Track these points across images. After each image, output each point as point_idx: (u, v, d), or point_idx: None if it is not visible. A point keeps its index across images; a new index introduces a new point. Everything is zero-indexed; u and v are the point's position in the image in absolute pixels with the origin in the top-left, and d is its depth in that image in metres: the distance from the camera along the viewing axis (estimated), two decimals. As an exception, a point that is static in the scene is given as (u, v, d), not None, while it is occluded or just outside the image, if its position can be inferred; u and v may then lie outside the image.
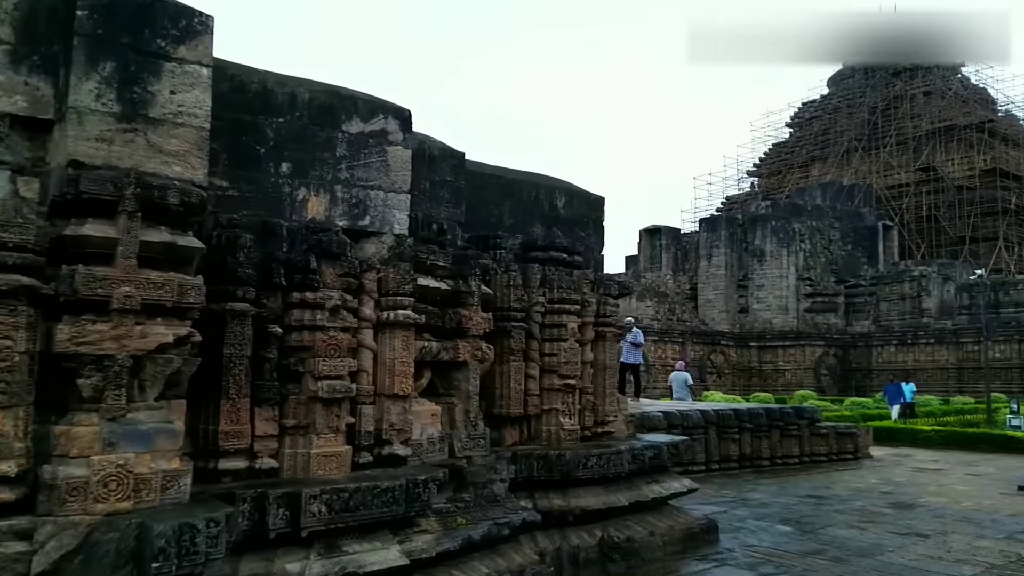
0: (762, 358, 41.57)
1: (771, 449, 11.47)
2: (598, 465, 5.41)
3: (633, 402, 12.24)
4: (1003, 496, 9.05)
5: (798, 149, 57.49)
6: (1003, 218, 46.64)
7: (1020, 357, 33.63)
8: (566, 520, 5.22)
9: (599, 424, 5.94)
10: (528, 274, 5.62)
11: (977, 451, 14.28)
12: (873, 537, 6.55)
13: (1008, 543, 6.38)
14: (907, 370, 37.56)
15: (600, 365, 5.97)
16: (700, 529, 6.08)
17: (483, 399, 5.44)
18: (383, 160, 4.43)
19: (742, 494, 8.94)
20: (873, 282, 43.43)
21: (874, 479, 10.51)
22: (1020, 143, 51.60)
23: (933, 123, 50.08)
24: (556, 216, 6.30)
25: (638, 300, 46.93)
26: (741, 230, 47.52)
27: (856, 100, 54.93)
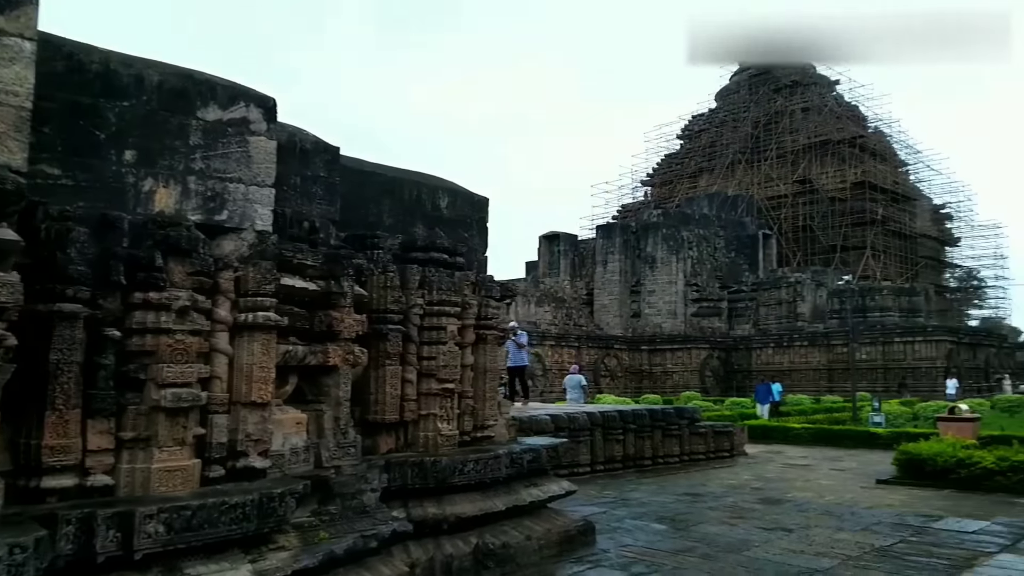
0: (652, 361, 43.10)
1: (653, 449, 11.82)
2: (475, 471, 5.31)
3: (521, 405, 12.28)
4: (863, 490, 9.71)
5: (687, 160, 60.17)
6: (871, 228, 50.55)
7: (884, 358, 36.48)
8: (441, 528, 5.09)
9: (479, 429, 5.85)
10: (407, 275, 5.46)
11: (843, 447, 15.33)
12: (742, 533, 6.82)
13: (864, 535, 6.81)
14: (783, 371, 39.97)
15: (481, 369, 5.89)
16: (577, 531, 6.11)
17: (357, 405, 5.23)
18: (244, 151, 4.14)
19: (623, 494, 9.13)
20: (754, 288, 46.00)
21: (747, 475, 11.03)
22: (887, 158, 56.22)
23: (810, 138, 53.67)
24: (439, 216, 6.17)
25: (537, 305, 47.55)
26: (635, 237, 49.18)
27: (741, 114, 58.06)
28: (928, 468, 9.81)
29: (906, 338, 35.67)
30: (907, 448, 10.22)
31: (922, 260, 54.10)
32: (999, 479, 9.24)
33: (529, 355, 13.91)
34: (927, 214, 57.97)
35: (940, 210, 59.39)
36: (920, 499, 8.84)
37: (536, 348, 37.95)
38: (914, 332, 35.76)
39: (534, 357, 37.72)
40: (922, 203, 57.50)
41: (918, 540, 6.56)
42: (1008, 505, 8.41)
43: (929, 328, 36.25)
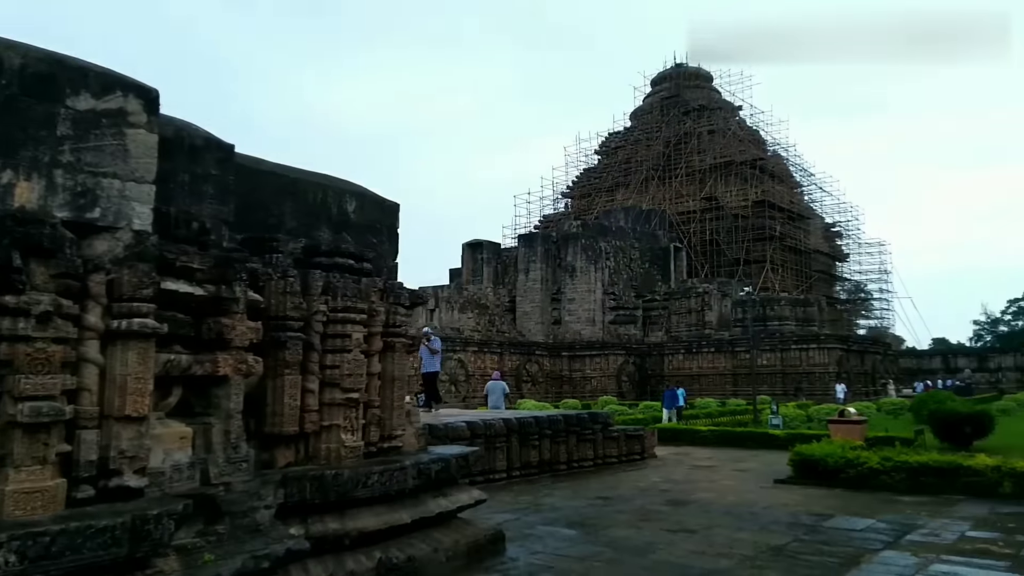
0: (572, 367, 43.69)
1: (568, 453, 11.89)
2: (380, 483, 5.14)
3: (431, 412, 12.09)
4: (762, 490, 10.07)
5: (605, 175, 61.68)
6: (770, 243, 53.24)
7: (783, 364, 38.33)
8: (343, 544, 4.88)
9: (387, 439, 5.67)
10: (309, 280, 5.23)
11: (745, 448, 15.93)
12: (648, 536, 6.91)
13: (761, 534, 7.03)
14: (693, 376, 41.42)
15: (388, 377, 5.72)
16: (487, 540, 6.02)
17: (253, 417, 4.96)
18: (120, 144, 3.84)
19: (538, 499, 9.11)
20: (666, 297, 47.49)
21: (656, 478, 11.25)
22: (784, 179, 59.46)
23: (715, 158, 56.17)
24: (346, 221, 5.97)
25: (460, 312, 47.36)
26: (555, 247, 49.87)
27: (654, 134, 60.13)
28: (820, 468, 10.29)
29: (802, 346, 37.63)
30: (801, 449, 10.70)
31: (815, 274, 57.42)
32: (884, 478, 9.80)
33: (442, 361, 13.65)
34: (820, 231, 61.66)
35: (831, 228, 63.34)
36: (813, 498, 9.25)
37: (459, 354, 37.76)
38: (808, 340, 37.78)
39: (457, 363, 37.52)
40: (815, 221, 61.11)
41: (810, 539, 6.83)
42: (891, 503, 8.91)
43: (822, 336, 38.41)
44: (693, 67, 63.30)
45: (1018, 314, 76.32)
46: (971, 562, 5.96)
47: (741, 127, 60.36)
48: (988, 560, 6.02)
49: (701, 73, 62.75)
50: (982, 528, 7.33)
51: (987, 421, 14.10)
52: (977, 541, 6.73)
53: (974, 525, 7.48)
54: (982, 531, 7.18)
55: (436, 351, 12.99)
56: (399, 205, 6.41)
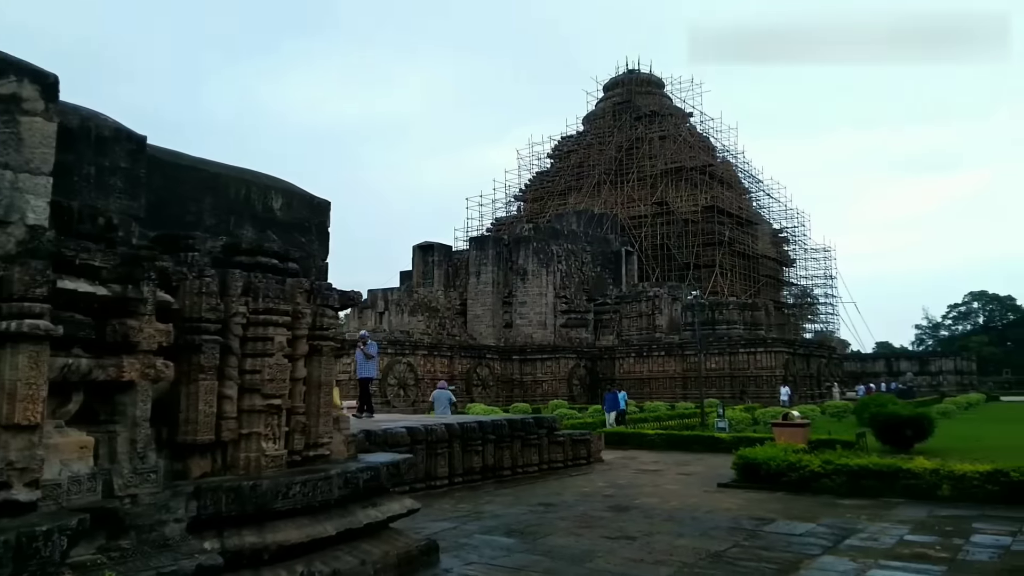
0: (523, 370, 43.58)
1: (513, 459, 11.74)
2: (302, 493, 4.88)
3: (363, 417, 11.77)
4: (705, 494, 10.09)
5: (558, 179, 61.95)
6: (719, 248, 54.19)
7: (731, 367, 38.98)
8: (261, 559, 4.61)
9: (312, 447, 5.41)
10: (228, 280, 4.95)
11: (692, 451, 16.04)
12: (587, 543, 6.80)
13: (702, 540, 6.99)
14: (643, 379, 41.81)
15: (315, 383, 5.46)
16: (419, 551, 5.81)
17: (166, 425, 4.66)
18: (13, 132, 3.53)
19: (478, 506, 8.93)
20: (617, 301, 47.86)
21: (601, 482, 11.19)
22: (733, 185, 60.68)
23: (666, 163, 56.95)
24: (271, 218, 5.69)
25: (410, 315, 46.83)
26: (507, 250, 49.77)
27: (606, 138, 60.65)
28: (763, 472, 10.37)
29: (749, 349, 38.36)
30: (744, 453, 10.77)
31: (763, 278, 58.72)
32: (825, 481, 9.92)
33: (377, 366, 13.22)
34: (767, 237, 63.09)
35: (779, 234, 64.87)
36: (755, 502, 9.30)
37: (408, 358, 37.28)
38: (756, 344, 38.54)
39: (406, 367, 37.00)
40: (763, 227, 62.52)
41: (750, 544, 6.82)
42: (832, 506, 9.00)
43: (769, 340, 39.22)
44: (645, 73, 64.14)
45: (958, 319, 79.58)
46: (908, 567, 6.01)
47: (692, 133, 61.45)
48: (925, 565, 6.08)
49: (653, 79, 63.64)
50: (920, 532, 7.44)
51: (927, 424, 14.50)
52: (915, 545, 6.81)
53: (913, 529, 7.58)
54: (920, 535, 7.28)
55: (372, 356, 12.64)
56: (330, 203, 6.17)
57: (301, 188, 6.04)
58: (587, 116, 65.73)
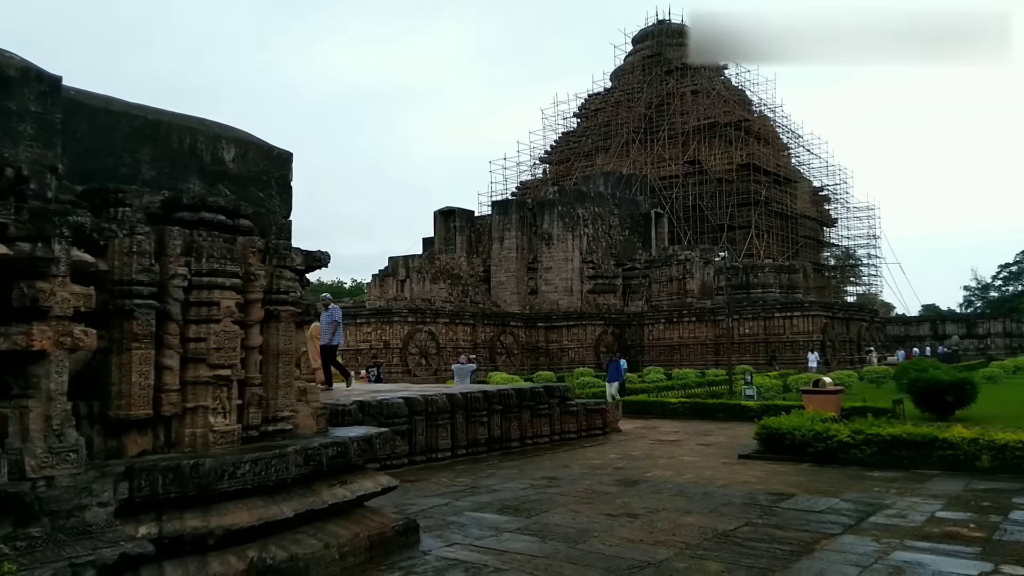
0: (549, 338, 43.11)
1: (521, 430, 11.28)
2: (253, 472, 4.43)
3: (324, 390, 11.28)
4: (724, 465, 9.49)
5: (584, 139, 60.41)
6: (755, 208, 52.44)
7: (765, 332, 37.90)
8: (205, 544, 4.19)
9: (271, 422, 4.96)
10: (165, 239, 4.46)
11: (716, 420, 15.41)
12: (585, 521, 6.28)
13: (710, 518, 6.43)
14: (673, 346, 41.04)
15: (273, 351, 4.98)
16: (395, 531, 5.36)
17: (98, 399, 4.23)
18: None
19: (478, 480, 8.48)
20: (646, 265, 46.82)
21: (614, 454, 10.66)
22: (771, 141, 58.44)
23: (699, 120, 54.95)
24: (222, 171, 5.17)
25: (432, 282, 46.51)
26: (531, 214, 48.89)
27: (635, 94, 58.68)
28: (787, 442, 9.72)
29: (785, 313, 37.22)
30: (767, 423, 10.12)
31: (802, 239, 56.84)
32: (854, 452, 9.24)
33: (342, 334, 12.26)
34: (807, 196, 60.89)
35: (819, 192, 62.55)
36: (776, 475, 8.68)
37: (430, 326, 37.02)
38: (792, 307, 37.36)
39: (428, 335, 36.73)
40: (803, 185, 60.29)
41: (763, 523, 6.23)
42: (860, 479, 8.34)
43: (806, 304, 37.98)
44: (676, 23, 61.52)
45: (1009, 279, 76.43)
46: (937, 548, 5.38)
47: (726, 87, 59.09)
48: (957, 545, 5.43)
49: (685, 30, 60.91)
50: (954, 507, 6.77)
51: (970, 389, 13.60)
52: (947, 523, 6.16)
53: (946, 504, 6.91)
54: (954, 511, 6.62)
55: (335, 322, 11.74)
56: (291, 154, 5.62)
57: (258, 137, 5.49)
58: (615, 71, 63.74)
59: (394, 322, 35.38)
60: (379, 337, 35.25)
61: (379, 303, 41.27)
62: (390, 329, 35.34)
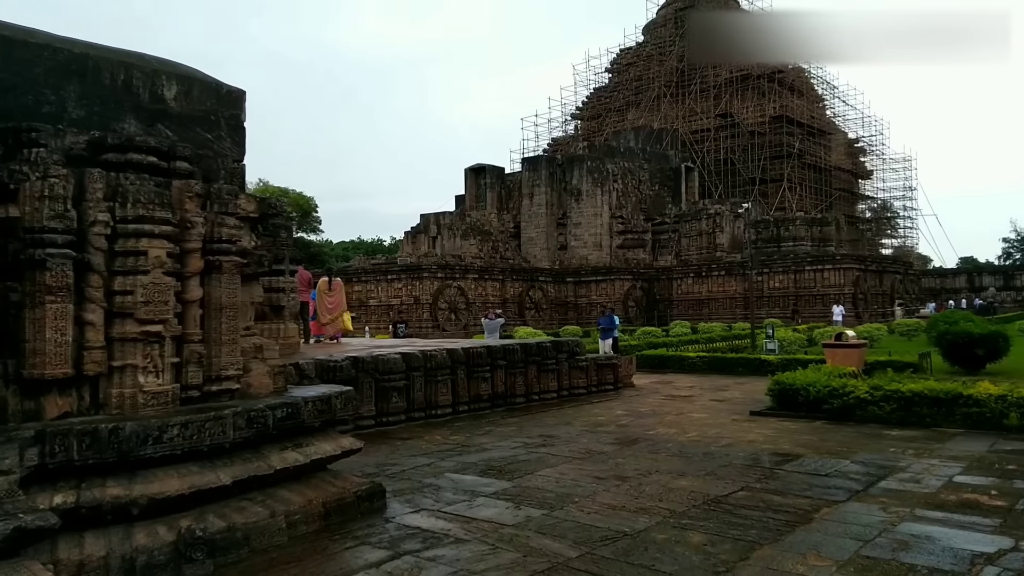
0: (577, 293, 42.64)
1: (527, 385, 10.92)
2: (183, 437, 4.10)
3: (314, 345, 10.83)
4: (733, 423, 9.02)
5: (616, 94, 58.72)
6: (787, 161, 50.60)
7: (795, 286, 36.84)
8: (129, 513, 3.89)
9: (214, 381, 4.61)
10: (86, 183, 4.07)
11: (735, 375, 14.90)
12: (569, 485, 5.90)
13: (705, 481, 5.99)
14: (702, 300, 40.25)
15: (215, 305, 4.61)
16: (357, 497, 5.03)
17: (13, 357, 3.92)
18: None
19: (472, 438, 8.15)
20: (676, 220, 45.72)
21: (620, 411, 10.25)
22: (805, 92, 56.08)
23: (731, 72, 52.90)
24: (162, 110, 4.74)
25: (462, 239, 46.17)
26: (560, 170, 47.99)
27: (667, 48, 56.65)
28: (801, 398, 9.19)
29: (816, 266, 36.13)
30: (781, 378, 9.57)
31: (836, 192, 54.95)
32: (872, 409, 8.68)
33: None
34: (842, 148, 58.60)
35: (854, 144, 60.13)
36: (787, 433, 8.18)
37: (459, 282, 36.81)
38: (823, 260, 36.23)
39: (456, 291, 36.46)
40: (837, 137, 58.00)
41: (761, 487, 5.77)
42: (876, 438, 7.81)
43: (838, 256, 36.76)
44: (710, -26, 58.91)
45: (1050, 230, 73.46)
46: (951, 519, 4.86)
47: (760, 38, 56.58)
48: (973, 516, 4.91)
49: (731, 2, 58.44)
50: (975, 471, 6.22)
51: (1002, 343, 12.85)
52: (965, 489, 5.62)
53: (966, 467, 6.36)
54: (974, 475, 6.07)
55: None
56: (244, 92, 5.16)
57: (205, 74, 5.04)
58: (647, 25, 61.53)
59: (423, 278, 35.32)
60: (409, 293, 35.29)
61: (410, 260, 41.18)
62: (420, 285, 35.32)
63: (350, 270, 39.41)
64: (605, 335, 17.68)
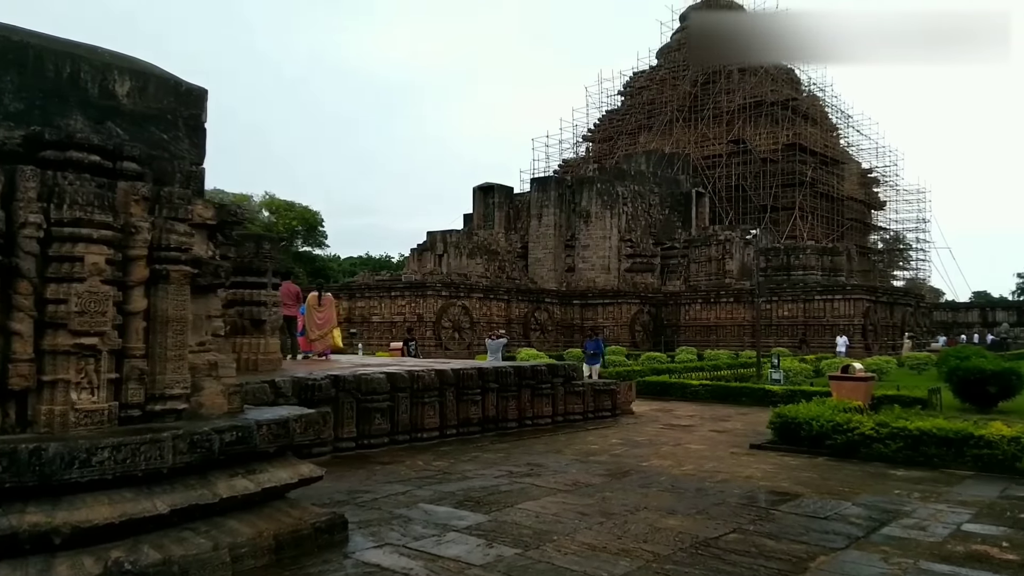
0: (584, 315, 42.17)
1: (520, 410, 10.51)
2: (115, 460, 3.75)
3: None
4: (731, 456, 8.57)
5: (628, 117, 58.69)
6: (799, 189, 50.23)
7: (805, 316, 36.26)
8: (50, 542, 3.53)
9: (158, 400, 4.27)
10: (17, 181, 3.77)
11: (739, 404, 14.41)
12: (550, 520, 5.48)
13: (696, 521, 5.55)
14: (710, 327, 39.72)
15: (161, 317, 4.28)
16: (315, 529, 4.64)
17: (-69, 368, 3.59)
18: None
19: (456, 464, 7.75)
20: (685, 245, 45.31)
21: (615, 439, 9.81)
22: (819, 121, 55.82)
23: (745, 98, 52.76)
24: (114, 107, 4.45)
25: (468, 258, 45.90)
26: (570, 191, 47.78)
27: (680, 72, 56.69)
28: (804, 433, 8.72)
29: (826, 296, 35.58)
30: (783, 411, 9.12)
31: (848, 222, 54.47)
32: (878, 447, 8.21)
33: None
34: (855, 177, 58.19)
35: (868, 174, 59.73)
36: (787, 469, 7.72)
37: (463, 301, 36.47)
38: (834, 290, 35.69)
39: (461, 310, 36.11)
40: (851, 166, 57.63)
41: (755, 529, 5.33)
42: (880, 478, 7.34)
43: (848, 287, 36.22)
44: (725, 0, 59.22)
45: (1067, 266, 72.44)
46: (957, 573, 4.42)
47: (775, 65, 56.55)
48: (982, 571, 4.47)
49: (734, 5, 58.60)
50: (985, 519, 5.75)
51: (1016, 380, 12.32)
52: (974, 539, 5.17)
53: (976, 514, 5.89)
54: (984, 523, 5.60)
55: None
56: (206, 91, 4.87)
57: (163, 70, 4.75)
58: (661, 49, 61.70)
59: (428, 296, 35.06)
60: (413, 310, 34.99)
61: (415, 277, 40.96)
62: (424, 303, 35.04)
63: (354, 285, 39.23)
64: (592, 360, 17.11)
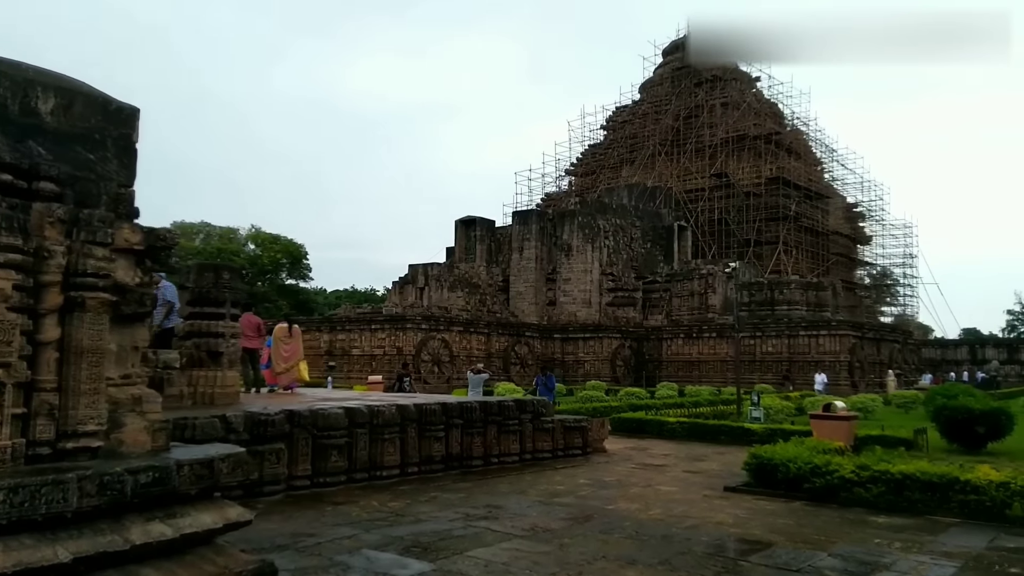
0: (564, 350, 41.85)
1: (486, 447, 10.13)
2: (11, 504, 3.37)
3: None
4: (704, 499, 8.24)
5: (610, 151, 59.18)
6: (783, 223, 50.56)
7: (789, 351, 36.13)
8: (-78, 601, 3.15)
9: (70, 437, 3.91)
10: (-87, 198, 3.46)
11: (717, 443, 14.09)
12: (499, 570, 5.12)
13: (657, 572, 5.21)
14: (692, 362, 39.48)
15: (75, 348, 3.94)
16: (240, 582, 4.25)
17: None
18: None
19: (412, 506, 7.36)
20: (667, 279, 45.34)
21: (583, 479, 9.45)
22: (803, 155, 56.50)
23: (728, 132, 53.35)
24: (35, 125, 4.16)
25: (450, 291, 45.62)
26: (551, 224, 47.83)
27: (663, 107, 57.36)
28: (780, 475, 8.42)
29: (811, 332, 35.49)
30: (759, 451, 8.82)
31: (833, 257, 54.75)
32: (858, 491, 7.91)
33: (177, 319, 9.65)
34: (840, 212, 58.70)
35: (853, 208, 60.29)
36: (761, 514, 7.39)
37: (443, 334, 36.08)
38: (819, 326, 35.62)
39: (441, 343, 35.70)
40: (836, 201, 58.16)
41: (720, 582, 5.00)
42: (860, 525, 7.02)
43: (833, 322, 36.16)
44: (708, 36, 59.97)
45: (1057, 304, 73.19)
46: (935, 634, 4.11)
47: (758, 99, 57.34)
48: (961, 631, 4.16)
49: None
50: (971, 572, 5.44)
51: (1005, 420, 12.07)
52: (955, 596, 4.86)
53: (961, 567, 5.57)
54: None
55: (168, 302, 9.22)
56: (137, 110, 4.60)
57: (92, 87, 4.48)
58: (644, 84, 62.52)
59: (407, 329, 34.65)
60: (392, 343, 34.55)
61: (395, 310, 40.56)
62: (403, 336, 34.61)
63: (335, 318, 38.76)
64: (544, 395, 16.46)
